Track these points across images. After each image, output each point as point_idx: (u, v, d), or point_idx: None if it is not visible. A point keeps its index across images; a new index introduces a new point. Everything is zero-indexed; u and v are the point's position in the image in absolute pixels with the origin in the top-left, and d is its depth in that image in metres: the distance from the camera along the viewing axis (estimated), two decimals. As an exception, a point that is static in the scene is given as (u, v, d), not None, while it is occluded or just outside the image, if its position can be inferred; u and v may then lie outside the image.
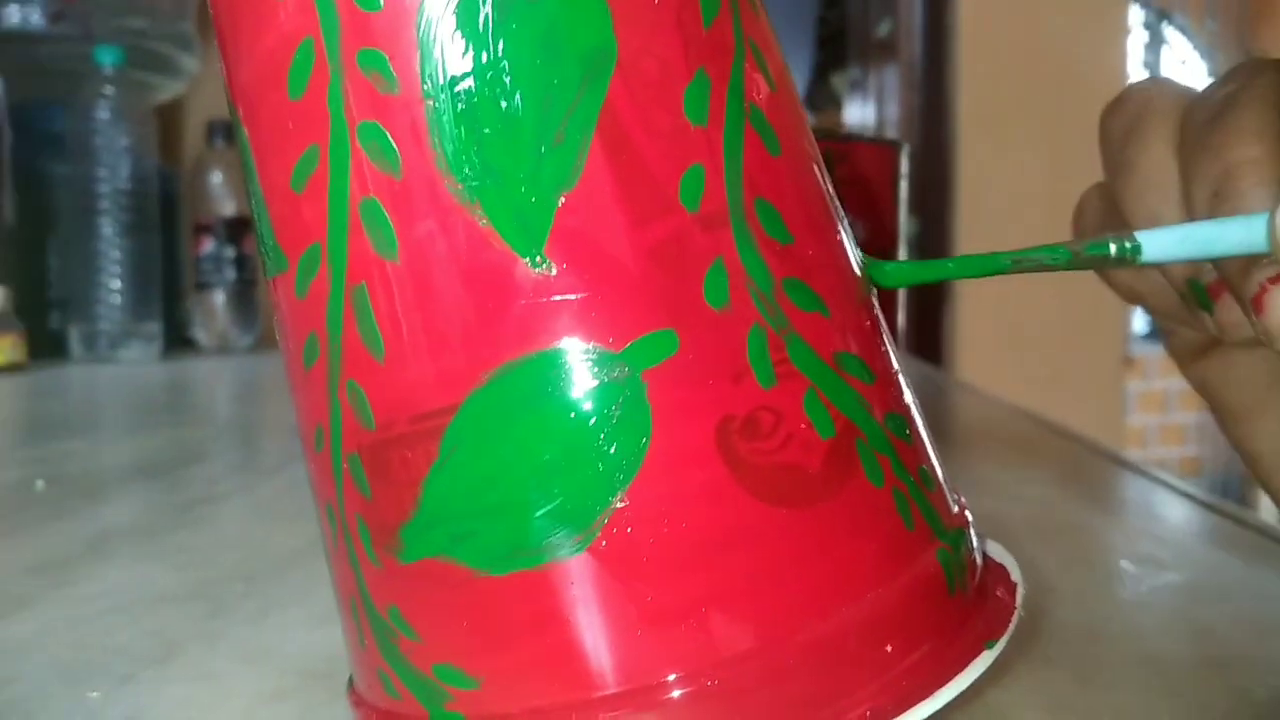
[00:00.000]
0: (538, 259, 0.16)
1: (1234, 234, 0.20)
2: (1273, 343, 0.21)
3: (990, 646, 0.18)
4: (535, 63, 0.16)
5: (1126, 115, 0.25)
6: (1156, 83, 0.26)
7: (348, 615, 0.19)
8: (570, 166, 0.16)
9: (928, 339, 1.75)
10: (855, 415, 0.17)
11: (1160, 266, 0.25)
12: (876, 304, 0.20)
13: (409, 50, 0.16)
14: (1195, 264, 0.24)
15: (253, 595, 0.32)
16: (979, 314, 1.69)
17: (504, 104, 0.16)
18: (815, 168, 0.19)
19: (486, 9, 0.16)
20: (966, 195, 1.71)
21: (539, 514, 0.16)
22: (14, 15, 1.27)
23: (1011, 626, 0.18)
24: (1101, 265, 0.22)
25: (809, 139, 0.20)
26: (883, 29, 2.10)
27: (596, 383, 0.16)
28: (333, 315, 0.17)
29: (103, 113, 1.22)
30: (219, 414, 0.89)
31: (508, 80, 0.16)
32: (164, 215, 1.30)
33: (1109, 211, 0.26)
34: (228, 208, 1.38)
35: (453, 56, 0.16)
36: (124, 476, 0.55)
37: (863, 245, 0.42)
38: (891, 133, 2.02)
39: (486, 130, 0.16)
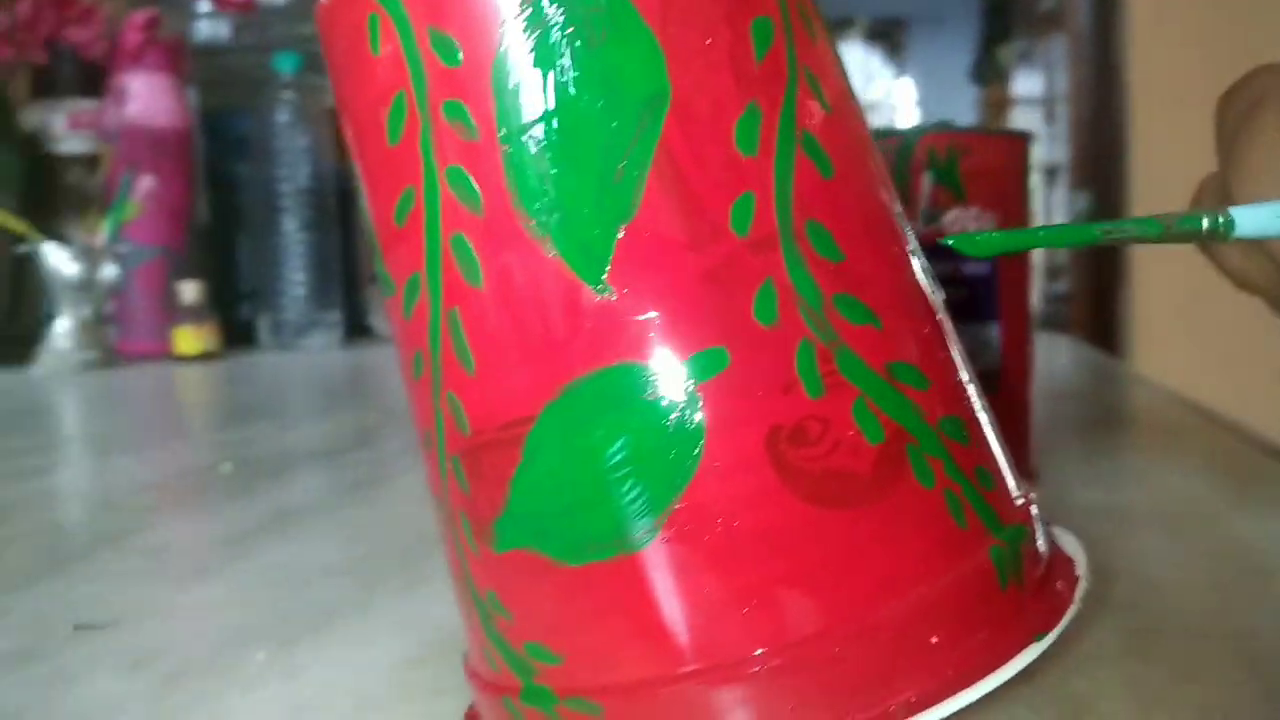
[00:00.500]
0: (600, 285, 0.18)
1: None
2: None
3: (1039, 639, 0.19)
4: (596, 107, 0.18)
5: (1242, 102, 0.25)
6: (1274, 70, 0.26)
7: (460, 596, 0.21)
8: (629, 200, 0.18)
9: (1102, 326, 1.68)
10: (906, 421, 0.19)
11: (1269, 250, 0.25)
12: (941, 310, 0.21)
13: (486, 101, 0.18)
14: None
15: (406, 570, 0.36)
16: (1156, 301, 1.62)
17: (568, 146, 0.18)
18: (874, 184, 0.21)
19: (553, 60, 0.18)
20: (1139, 168, 1.63)
21: (606, 513, 0.18)
22: (203, 30, 1.37)
23: (1065, 620, 0.19)
24: (1194, 239, 0.22)
25: (870, 156, 0.21)
26: (1049, 0, 2.02)
27: (654, 396, 0.18)
28: (433, 335, 0.20)
29: (283, 116, 1.31)
30: (393, 398, 0.95)
31: (571, 124, 0.18)
32: (341, 211, 1.38)
33: (1225, 200, 0.26)
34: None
35: (523, 105, 0.18)
36: (302, 459, 0.60)
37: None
38: (1060, 106, 1.95)
39: (553, 170, 0.18)
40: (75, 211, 1.25)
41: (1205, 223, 0.22)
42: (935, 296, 0.21)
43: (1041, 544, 0.21)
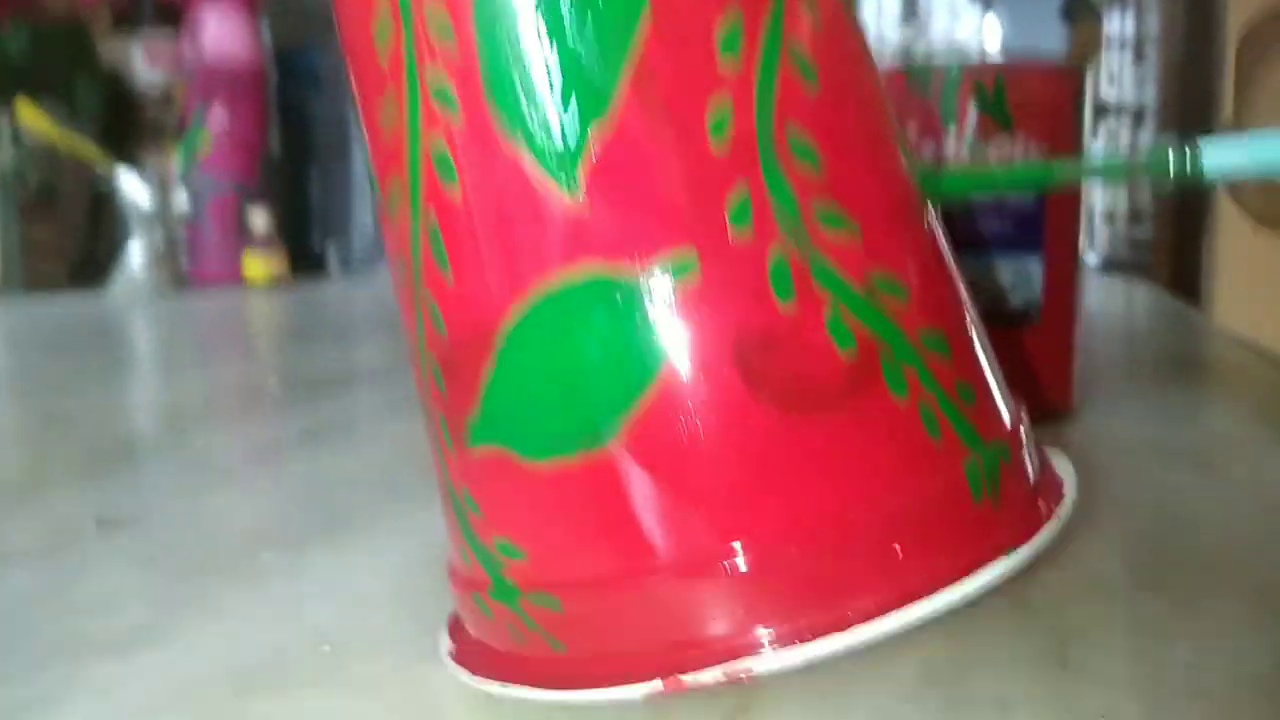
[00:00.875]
0: (572, 187, 0.18)
1: None
2: None
3: (1009, 554, 0.18)
4: (572, 8, 0.18)
5: (1259, 45, 0.24)
6: None
7: (442, 496, 0.22)
8: (604, 103, 0.18)
9: (1182, 274, 1.62)
10: (881, 331, 0.18)
11: None
12: (931, 219, 0.21)
13: (464, 5, 0.18)
14: None
15: (426, 481, 0.36)
16: (1237, 250, 1.56)
17: (544, 48, 0.18)
18: (867, 102, 0.20)
19: None
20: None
21: (573, 412, 0.18)
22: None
23: (1041, 538, 0.19)
24: (1161, 177, 0.21)
25: (865, 76, 0.20)
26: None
27: (623, 299, 0.18)
28: (413, 239, 0.20)
29: (354, 50, 1.32)
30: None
31: (547, 26, 0.18)
32: (410, 144, 1.39)
33: None
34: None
35: (499, 8, 0.18)
36: (349, 379, 0.61)
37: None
38: (1150, 49, 1.87)
39: (527, 70, 0.18)
40: (153, 143, 1.28)
41: (1173, 157, 0.21)
42: (929, 216, 0.21)
43: (1029, 464, 0.21)
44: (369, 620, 0.24)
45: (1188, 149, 0.20)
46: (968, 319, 0.21)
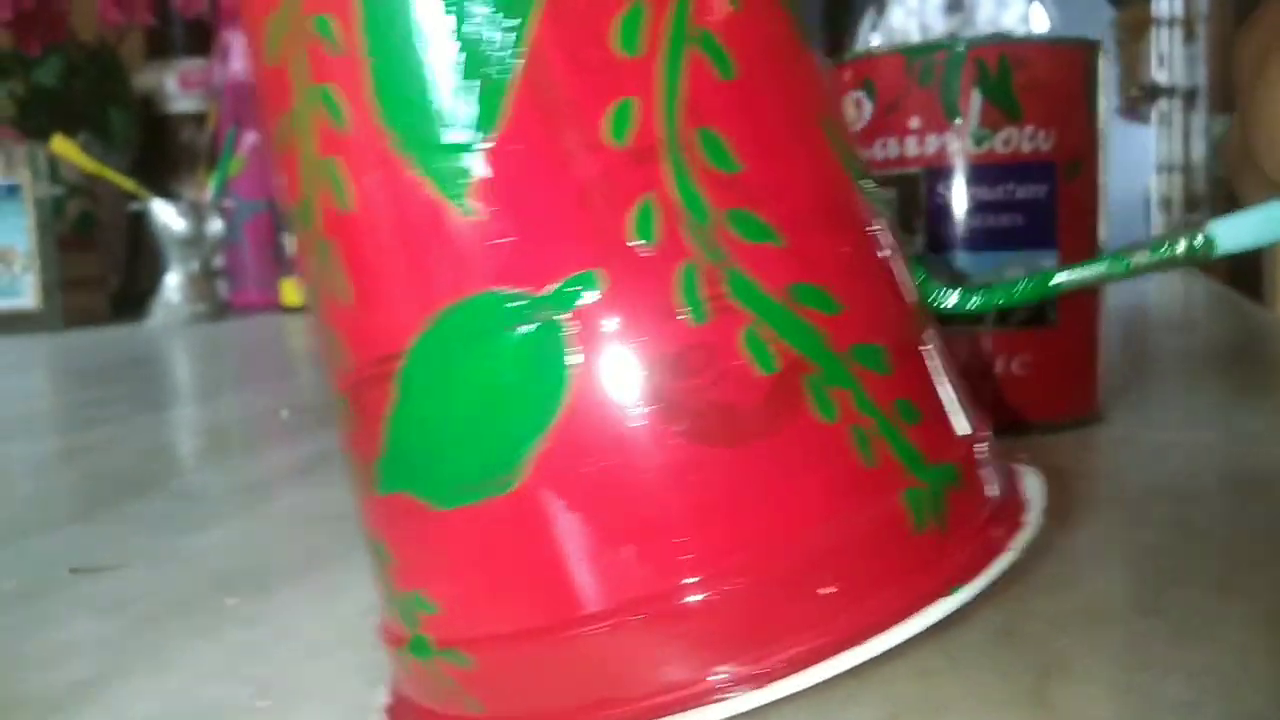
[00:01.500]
0: (464, 205, 0.16)
1: None
2: None
3: (955, 591, 0.17)
4: (460, 9, 0.16)
5: (1257, 45, 0.22)
6: None
7: (365, 542, 0.20)
8: (494, 111, 0.16)
9: (1241, 268, 1.57)
10: (807, 348, 0.17)
11: None
12: (878, 228, 0.19)
13: (350, 11, 0.17)
14: None
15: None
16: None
17: (430, 52, 0.16)
18: (794, 88, 0.18)
19: None
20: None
21: (475, 453, 0.17)
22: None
23: (994, 568, 0.17)
24: (1173, 267, 0.20)
25: (794, 59, 0.19)
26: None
27: (522, 325, 0.16)
28: (314, 264, 0.19)
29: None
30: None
31: (433, 30, 0.16)
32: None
33: (1245, 161, 0.23)
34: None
35: (384, 12, 0.17)
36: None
37: (1049, 155, 0.39)
38: (1200, 26, 1.81)
39: (415, 81, 0.17)
40: (187, 170, 1.30)
41: (1182, 248, 0.19)
42: (871, 214, 0.19)
43: (988, 485, 0.19)
44: (315, 671, 0.23)
45: (1199, 235, 0.19)
46: (919, 331, 0.19)
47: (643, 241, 0.16)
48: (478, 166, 0.16)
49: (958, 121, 0.40)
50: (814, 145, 0.18)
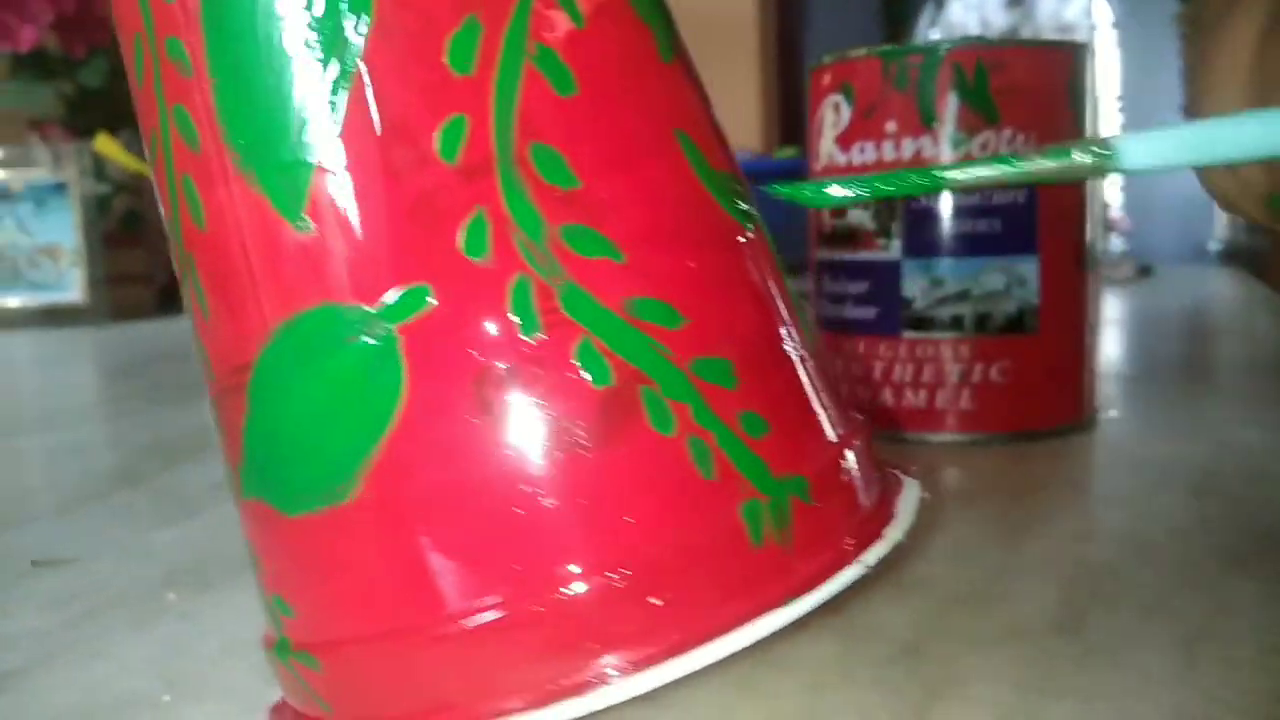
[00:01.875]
0: (300, 222, 0.17)
1: (1249, 133, 0.17)
2: None
3: (790, 603, 0.17)
4: (294, 30, 0.17)
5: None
6: None
7: (251, 547, 0.21)
8: (327, 131, 0.17)
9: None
10: (643, 362, 0.17)
11: (1241, 175, 0.21)
12: (737, 240, 0.19)
13: (196, 33, 0.17)
14: (1275, 177, 0.20)
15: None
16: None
17: (266, 74, 0.17)
18: (643, 102, 0.18)
19: None
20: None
21: (315, 462, 0.17)
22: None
23: (836, 582, 0.17)
24: (1070, 175, 0.19)
25: (645, 72, 0.19)
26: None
27: (355, 340, 0.17)
28: (182, 279, 0.19)
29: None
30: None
31: (269, 51, 0.17)
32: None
33: (1194, 102, 0.23)
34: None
35: (225, 34, 0.17)
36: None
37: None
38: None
39: (254, 100, 0.17)
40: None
41: (1076, 155, 0.18)
42: (730, 225, 0.19)
43: (853, 495, 0.19)
44: (226, 668, 0.24)
45: (1102, 146, 0.18)
46: (782, 343, 0.19)
47: (474, 256, 0.16)
48: (312, 184, 0.17)
49: (934, 125, 0.40)
50: (665, 160, 0.18)
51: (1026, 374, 0.41)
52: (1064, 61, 0.40)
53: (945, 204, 0.40)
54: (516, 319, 0.16)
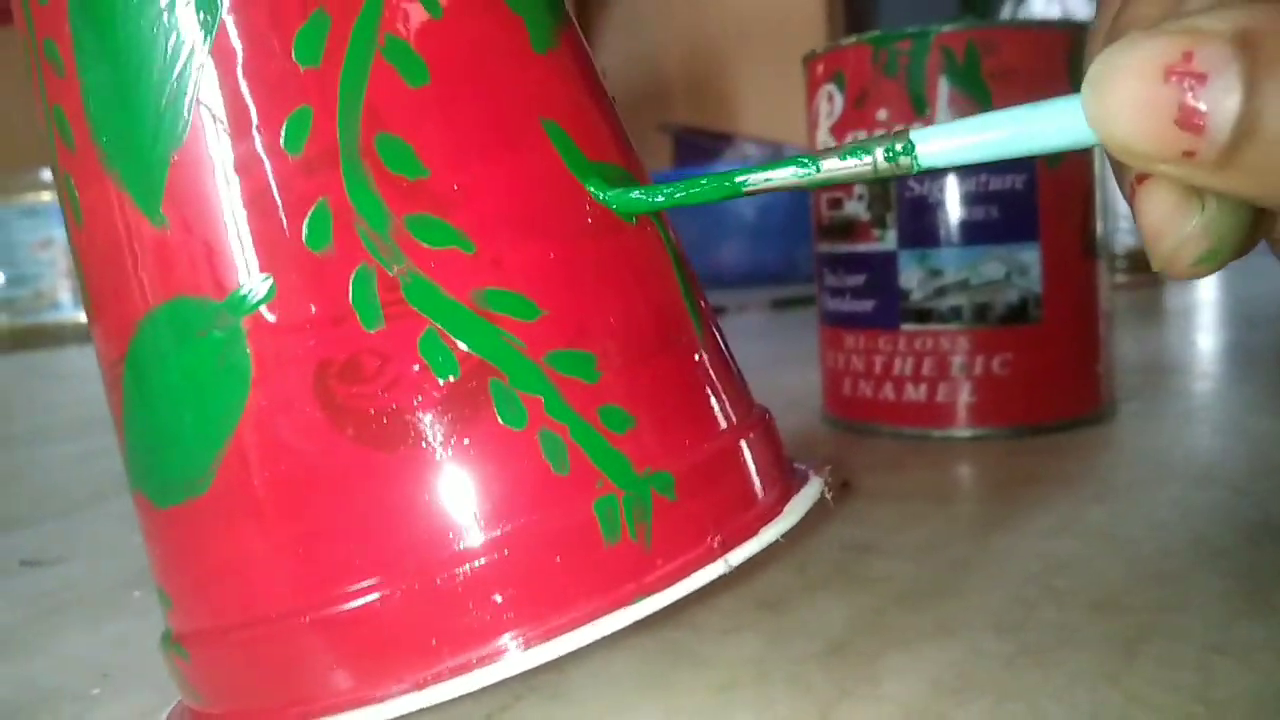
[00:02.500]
0: (157, 217, 0.17)
1: (1047, 122, 0.16)
2: (1154, 248, 0.17)
3: (639, 602, 0.16)
4: (149, 30, 0.17)
5: None
6: None
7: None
8: (179, 125, 0.17)
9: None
10: (494, 355, 0.17)
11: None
12: (609, 233, 0.19)
13: (65, 34, 0.17)
14: None
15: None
16: None
17: (126, 73, 0.17)
18: (504, 90, 0.18)
19: None
20: None
21: (177, 454, 0.17)
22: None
23: (692, 581, 0.17)
24: (872, 177, 0.18)
25: (507, 59, 0.18)
26: None
27: (206, 333, 0.17)
28: (75, 272, 0.19)
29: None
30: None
31: (128, 50, 0.17)
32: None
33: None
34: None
35: (88, 34, 0.17)
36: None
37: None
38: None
39: (115, 99, 0.17)
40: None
41: (880, 156, 0.17)
42: (604, 217, 0.18)
43: (734, 490, 0.18)
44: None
45: (899, 142, 0.17)
46: (660, 336, 0.18)
47: (315, 247, 0.16)
48: (168, 180, 0.17)
49: (926, 112, 0.38)
50: (527, 150, 0.18)
51: (1031, 366, 0.39)
52: (1061, 42, 0.39)
53: (941, 191, 0.39)
54: (357, 310, 0.16)
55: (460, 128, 0.17)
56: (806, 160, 0.17)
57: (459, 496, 0.16)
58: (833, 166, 0.17)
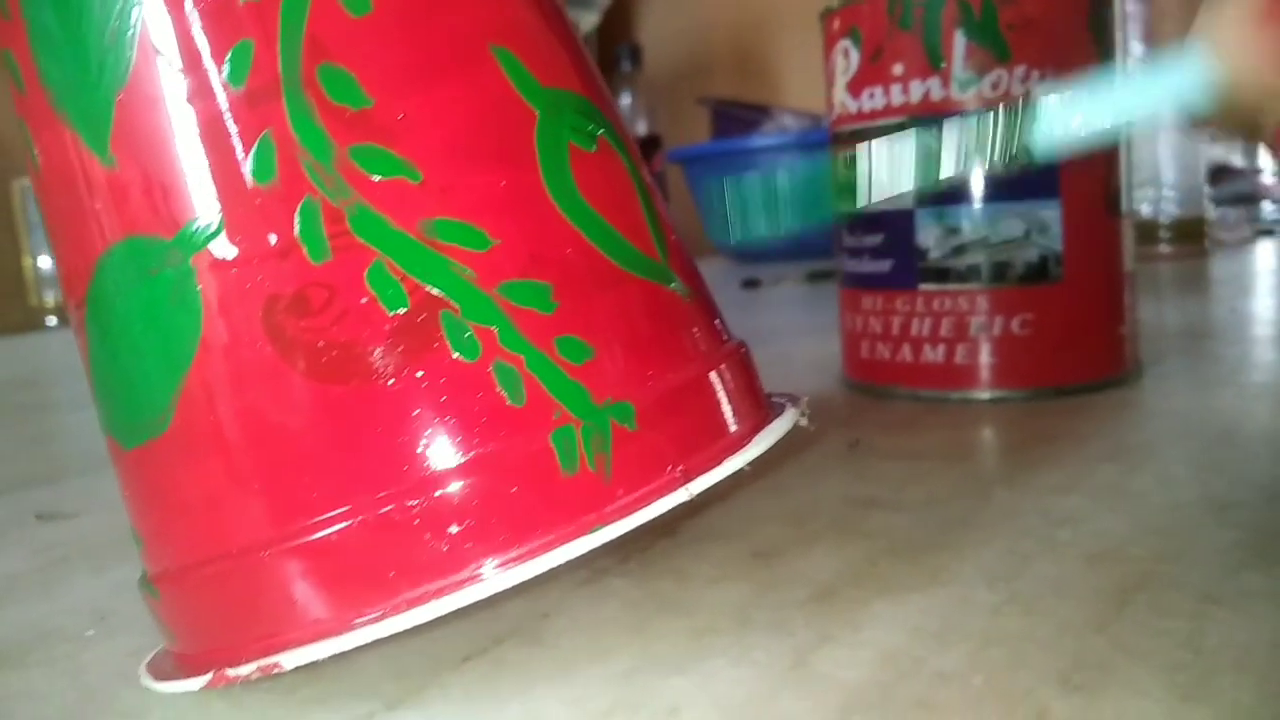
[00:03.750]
0: (106, 156, 0.17)
1: (1163, 87, 0.16)
2: None
3: (595, 532, 0.16)
4: None
5: None
6: None
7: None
8: (124, 63, 0.17)
9: None
10: (444, 286, 0.16)
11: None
12: (565, 155, 0.18)
13: None
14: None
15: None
16: None
17: (66, 12, 0.17)
18: (452, 17, 0.18)
19: None
20: None
21: (137, 394, 0.17)
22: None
23: (648, 511, 0.16)
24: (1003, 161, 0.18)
25: None
26: None
27: (158, 271, 0.17)
28: (42, 215, 0.19)
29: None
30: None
31: None
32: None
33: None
34: (639, 127, 1.46)
35: None
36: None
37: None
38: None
39: (61, 42, 0.17)
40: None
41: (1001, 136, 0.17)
42: (559, 143, 0.18)
43: (697, 422, 0.18)
44: (155, 607, 0.25)
45: (1016, 127, 0.17)
46: (621, 265, 0.18)
47: (260, 180, 0.16)
48: (114, 118, 0.17)
49: (942, 66, 0.38)
50: (475, 77, 0.18)
51: (1051, 326, 0.38)
52: (1084, -9, 0.38)
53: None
54: (303, 243, 0.16)
55: (404, 56, 0.17)
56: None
57: (413, 429, 0.16)
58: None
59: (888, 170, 0.18)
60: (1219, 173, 1.02)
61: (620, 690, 0.18)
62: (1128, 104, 0.17)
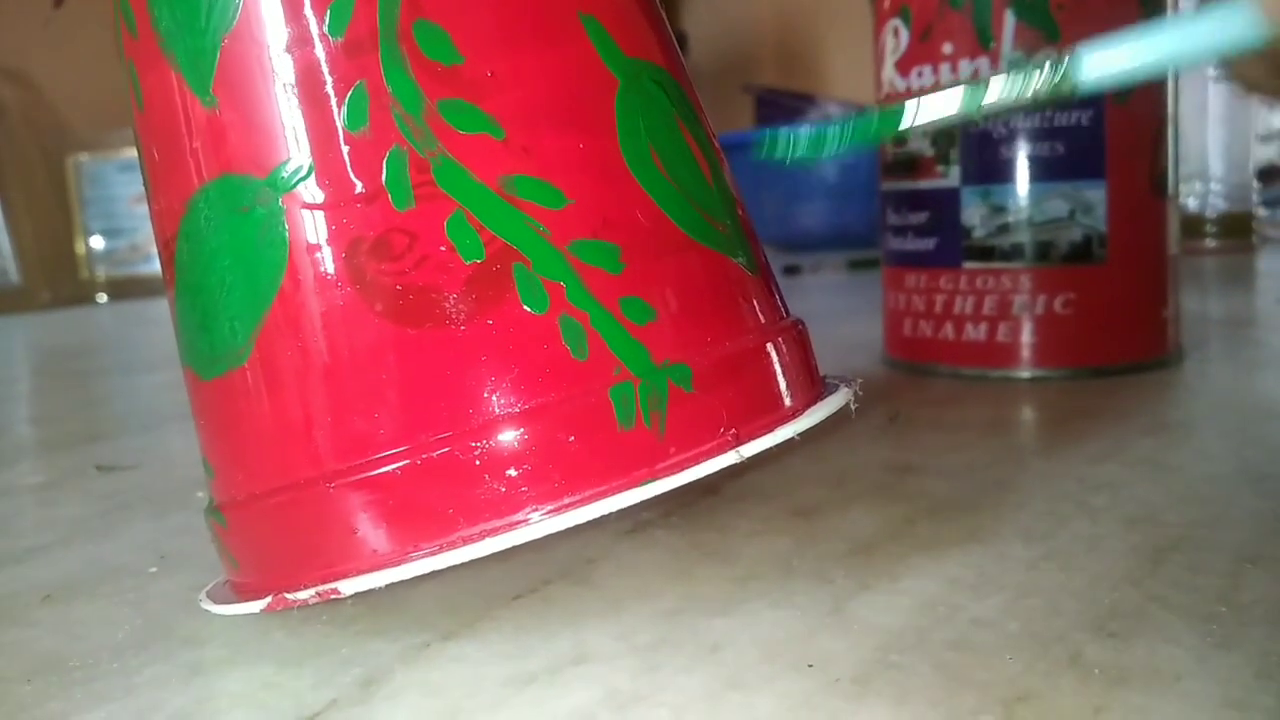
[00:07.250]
0: (208, 98, 0.18)
1: (1207, 30, 0.16)
2: None
3: (647, 485, 0.17)
4: None
5: None
6: None
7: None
8: (231, 9, 0.17)
9: None
10: (519, 240, 0.17)
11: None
12: (629, 122, 0.19)
13: None
14: None
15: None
16: None
17: None
18: None
19: None
20: None
21: (219, 329, 0.18)
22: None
23: (702, 467, 0.17)
24: (1038, 98, 0.18)
25: None
26: None
27: (249, 209, 0.17)
28: (138, 158, 0.20)
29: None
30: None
31: None
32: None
33: None
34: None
35: None
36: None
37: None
38: None
39: None
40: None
41: (1043, 74, 0.18)
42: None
43: (752, 389, 0.19)
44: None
45: (1061, 63, 0.17)
46: (689, 233, 0.19)
47: (352, 128, 0.17)
48: (218, 62, 0.18)
49: (990, 45, 0.38)
50: (563, 42, 0.18)
51: (1093, 306, 0.39)
52: (1136, -28, 0.38)
53: (1006, 126, 0.38)
54: (389, 190, 0.17)
55: (497, 17, 0.18)
56: (976, 86, 0.18)
57: (480, 374, 0.17)
58: (1001, 84, 0.18)
59: (936, 99, 0.18)
60: (1269, 173, 1.01)
61: (665, 627, 0.19)
62: (1172, 47, 0.17)
